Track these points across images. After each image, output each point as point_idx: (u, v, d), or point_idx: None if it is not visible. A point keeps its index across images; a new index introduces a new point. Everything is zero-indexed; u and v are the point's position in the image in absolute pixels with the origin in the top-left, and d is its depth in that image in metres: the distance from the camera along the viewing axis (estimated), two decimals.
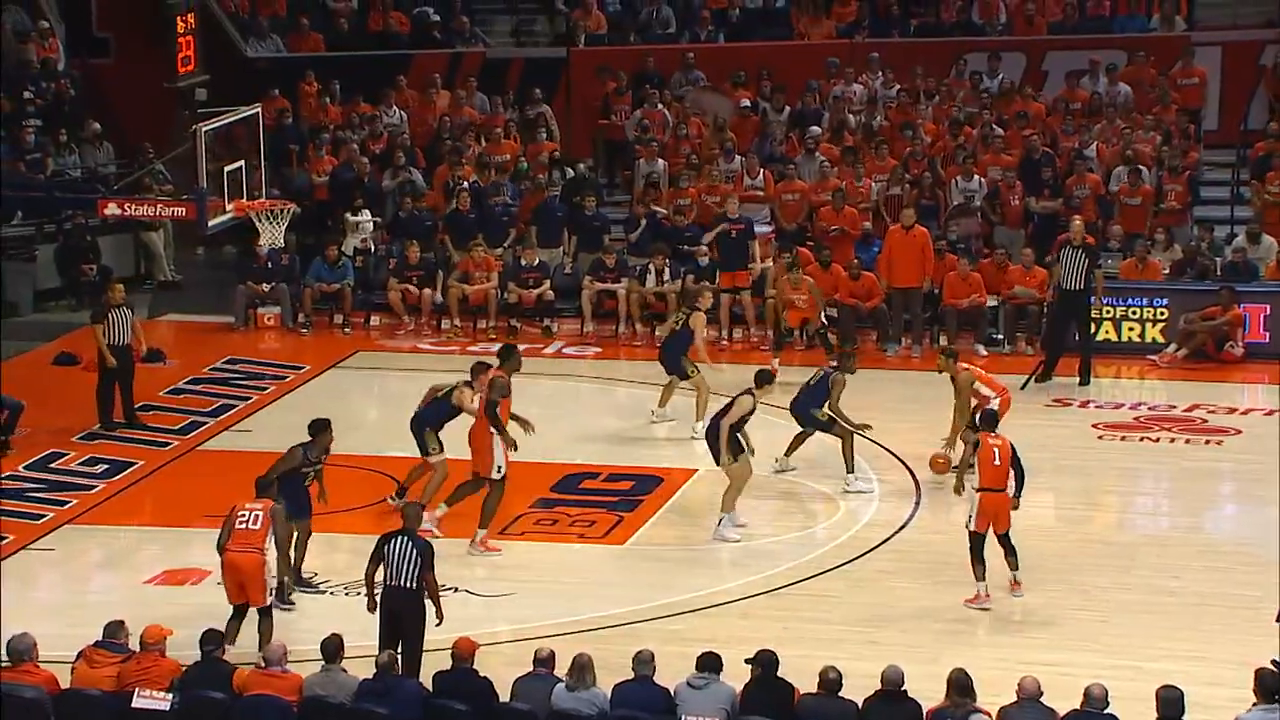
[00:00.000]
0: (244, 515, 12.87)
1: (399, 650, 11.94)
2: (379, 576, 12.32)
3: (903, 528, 15.57)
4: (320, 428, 14.25)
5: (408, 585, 12.17)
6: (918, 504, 16.05)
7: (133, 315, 18.10)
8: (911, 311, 20.38)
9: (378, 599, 12.29)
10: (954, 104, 23.23)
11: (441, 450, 15.42)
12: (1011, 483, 13.85)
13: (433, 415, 15.53)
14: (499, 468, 14.84)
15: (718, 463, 15.20)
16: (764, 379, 15.54)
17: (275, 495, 13.34)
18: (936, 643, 13.14)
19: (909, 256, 20.26)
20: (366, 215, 22.28)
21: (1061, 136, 22.65)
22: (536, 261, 21.42)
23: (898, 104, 23.46)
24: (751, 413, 15.14)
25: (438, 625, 12.23)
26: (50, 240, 22.61)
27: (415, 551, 12.21)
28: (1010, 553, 13.87)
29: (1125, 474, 16.99)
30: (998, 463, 13.74)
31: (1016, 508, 13.93)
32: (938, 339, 20.38)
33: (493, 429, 14.83)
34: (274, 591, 12.86)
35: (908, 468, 16.84)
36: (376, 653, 11.65)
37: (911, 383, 19.18)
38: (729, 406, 15.14)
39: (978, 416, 14.70)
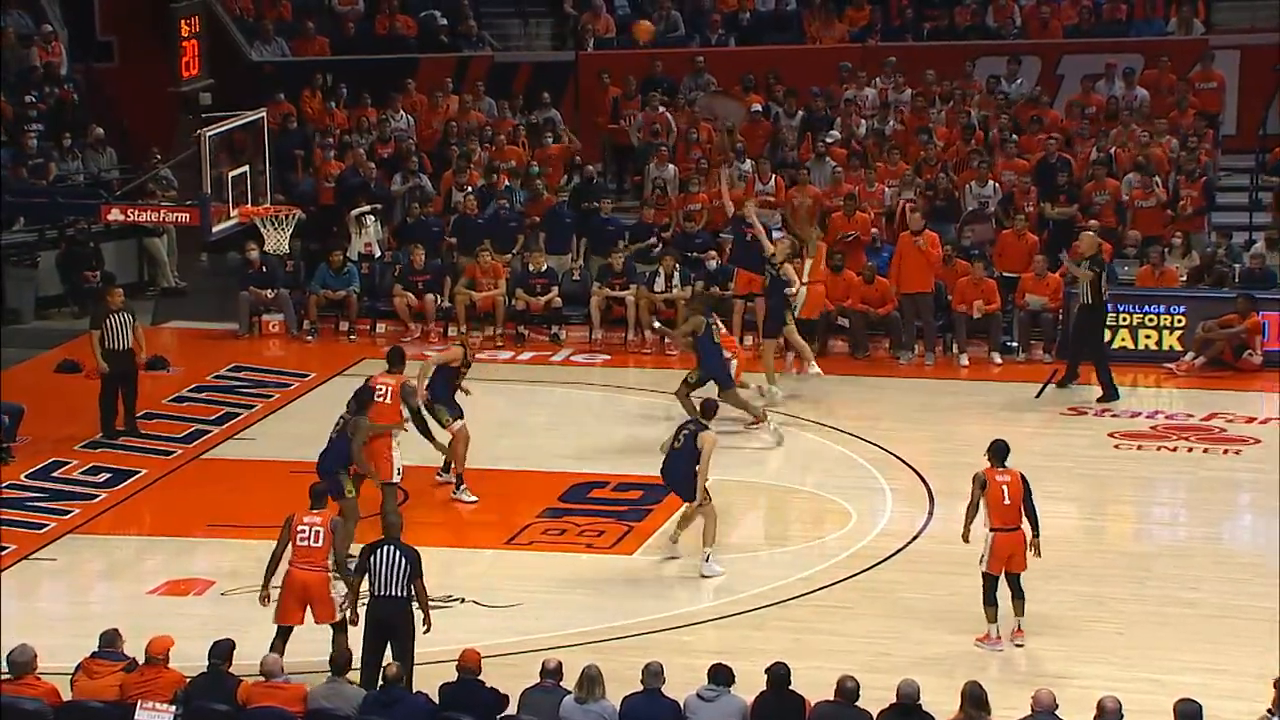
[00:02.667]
0: (304, 530, 12.50)
1: (384, 662, 11.88)
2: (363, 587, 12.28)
3: (915, 538, 15.55)
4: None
5: (397, 594, 12.17)
6: (931, 514, 16.03)
7: (134, 320, 18.10)
8: (923, 318, 20.39)
9: (360, 611, 12.29)
10: (969, 108, 23.22)
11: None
12: (1026, 522, 13.24)
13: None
14: (399, 470, 14.90)
15: (689, 500, 14.73)
16: (710, 410, 15.05)
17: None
18: (950, 654, 13.12)
19: (918, 262, 20.27)
20: (370, 215, 22.11)
21: (1078, 141, 22.63)
22: (545, 267, 21.43)
23: (912, 108, 23.46)
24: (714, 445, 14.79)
25: (425, 632, 12.24)
26: (52, 247, 22.63)
27: (404, 559, 12.21)
28: (1018, 595, 13.31)
29: (1142, 483, 16.97)
30: (1008, 501, 13.22)
31: (1039, 554, 13.36)
32: (950, 346, 20.37)
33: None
34: (343, 606, 12.48)
35: (920, 476, 16.82)
36: (361, 663, 11.62)
37: (925, 390, 19.16)
38: (692, 448, 14.55)
39: (990, 448, 13.52)
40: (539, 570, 14.94)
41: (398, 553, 12.23)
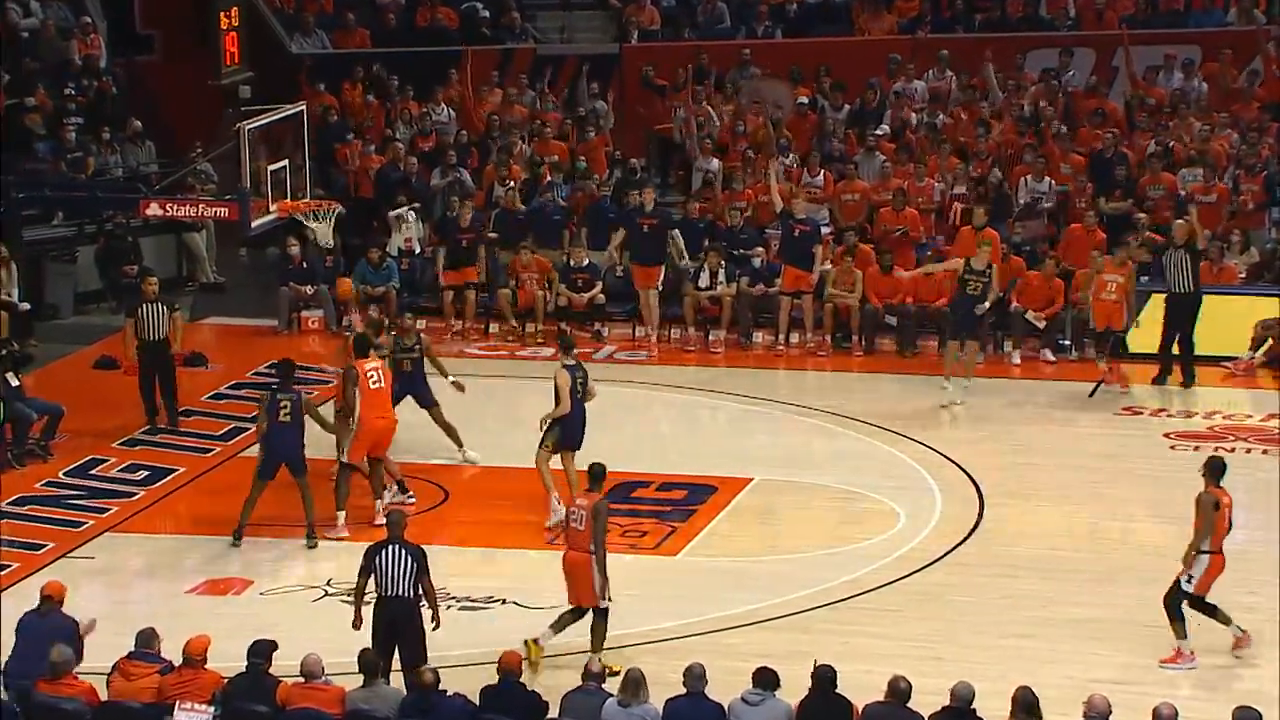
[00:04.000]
0: (575, 514, 12.92)
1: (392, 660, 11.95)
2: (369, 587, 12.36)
3: (965, 539, 15.48)
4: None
5: (404, 593, 12.20)
6: (981, 515, 15.96)
7: (169, 311, 18.17)
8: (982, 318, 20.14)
9: (364, 613, 12.36)
10: (1022, 100, 23.09)
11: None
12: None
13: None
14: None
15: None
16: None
17: None
18: (1002, 659, 13.06)
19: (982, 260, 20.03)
20: (410, 212, 22.14)
21: (1137, 135, 22.45)
22: (586, 262, 21.40)
23: (964, 102, 23.34)
24: None
25: (434, 629, 12.29)
26: (91, 241, 22.74)
27: (410, 558, 12.25)
28: (1211, 613, 13.19)
29: (1198, 485, 16.78)
30: (1229, 524, 13.15)
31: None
32: (1002, 344, 20.26)
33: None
34: (604, 591, 12.84)
35: (971, 477, 16.75)
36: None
37: (975, 389, 19.07)
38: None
39: (1208, 466, 13.37)
40: None
41: (403, 551, 12.27)
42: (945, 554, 15.17)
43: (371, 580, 12.39)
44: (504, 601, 14.02)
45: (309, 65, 24.55)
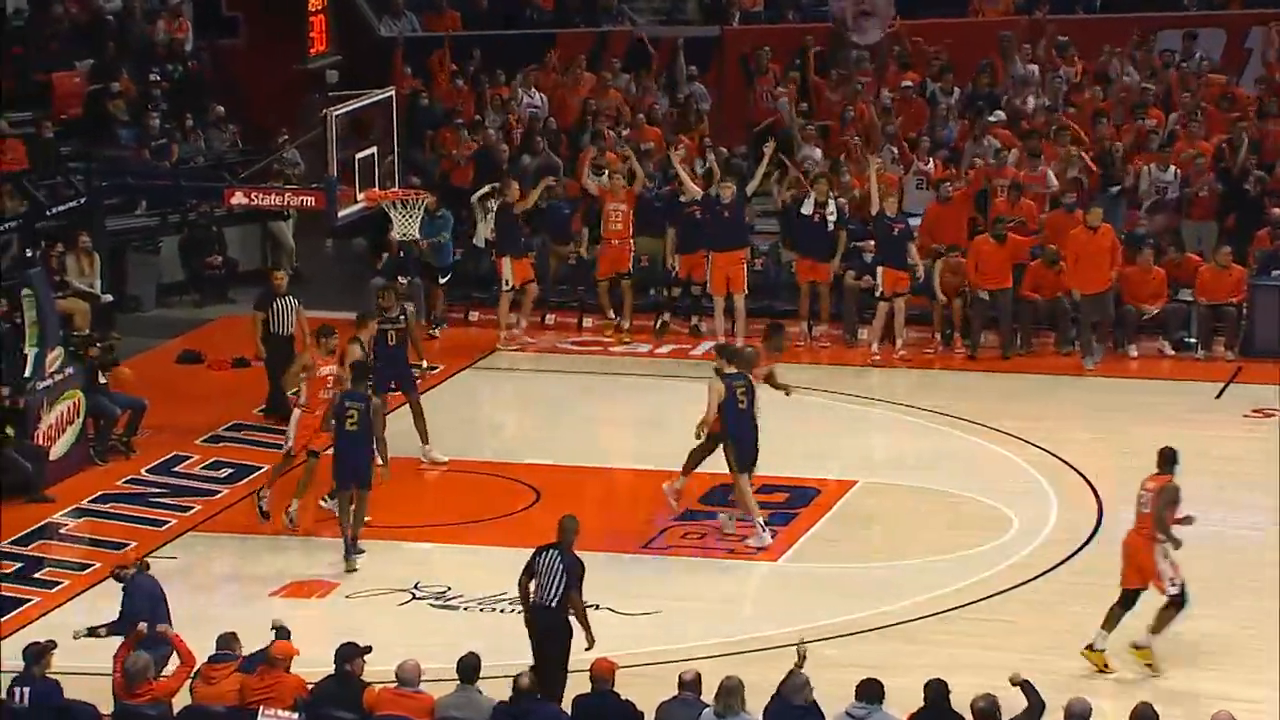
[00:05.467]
0: (1143, 497, 13.20)
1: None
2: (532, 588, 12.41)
3: (1083, 547, 15.40)
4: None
5: (549, 603, 12.28)
6: (1100, 521, 15.86)
7: (297, 305, 18.44)
8: (1102, 314, 19.98)
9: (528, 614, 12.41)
10: (1148, 84, 22.84)
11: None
12: None
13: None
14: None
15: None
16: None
17: None
18: (1122, 673, 12.98)
19: (1098, 259, 19.87)
20: (492, 198, 22.07)
21: (1270, 121, 22.13)
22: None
23: (1084, 86, 23.10)
24: None
25: (587, 649, 12.24)
26: (175, 231, 22.98)
27: (561, 568, 12.28)
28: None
29: None
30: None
31: None
32: (1122, 343, 20.07)
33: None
34: (1174, 582, 13.03)
35: (1088, 481, 16.65)
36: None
37: (1090, 388, 18.95)
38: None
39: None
40: (677, 576, 15.01)
41: (558, 560, 12.30)
42: (1061, 562, 15.08)
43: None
44: (596, 607, 14.08)
45: (399, 49, 24.74)
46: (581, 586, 12.33)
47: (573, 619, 12.34)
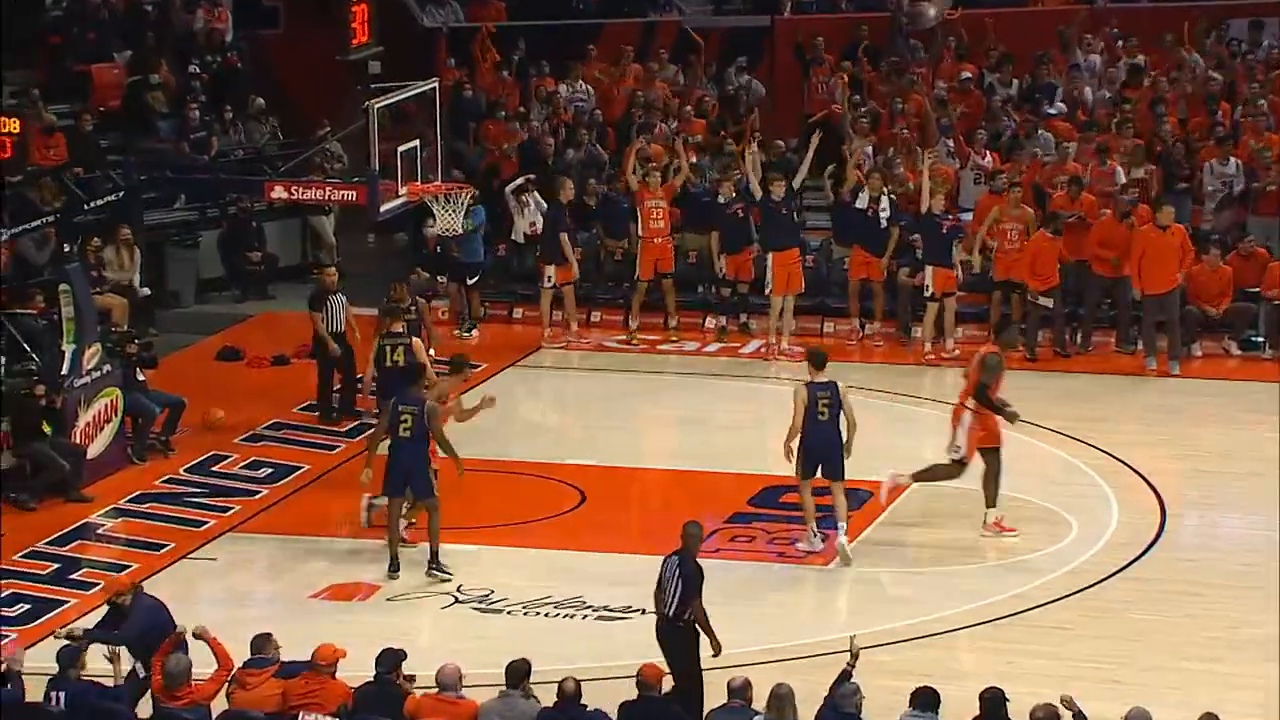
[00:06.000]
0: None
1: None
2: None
3: (1145, 552, 15.24)
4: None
5: (667, 612, 12.19)
6: (1162, 525, 15.70)
7: (345, 301, 18.48)
8: (1169, 315, 19.74)
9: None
10: (1213, 75, 22.59)
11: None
12: None
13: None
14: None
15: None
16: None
17: None
18: (1188, 683, 12.85)
19: (1167, 259, 19.63)
20: (528, 191, 21.89)
21: None
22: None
23: (1146, 77, 22.87)
24: None
25: (713, 656, 12.16)
26: (214, 226, 23.04)
27: (679, 575, 12.18)
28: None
29: None
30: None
31: None
32: (1186, 343, 19.87)
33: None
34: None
35: (1150, 485, 16.48)
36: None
37: (1160, 390, 18.77)
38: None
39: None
40: (726, 580, 14.88)
41: (677, 568, 12.21)
42: (1122, 568, 14.94)
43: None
44: (643, 611, 14.00)
45: (442, 39, 24.69)
46: (700, 593, 12.16)
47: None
